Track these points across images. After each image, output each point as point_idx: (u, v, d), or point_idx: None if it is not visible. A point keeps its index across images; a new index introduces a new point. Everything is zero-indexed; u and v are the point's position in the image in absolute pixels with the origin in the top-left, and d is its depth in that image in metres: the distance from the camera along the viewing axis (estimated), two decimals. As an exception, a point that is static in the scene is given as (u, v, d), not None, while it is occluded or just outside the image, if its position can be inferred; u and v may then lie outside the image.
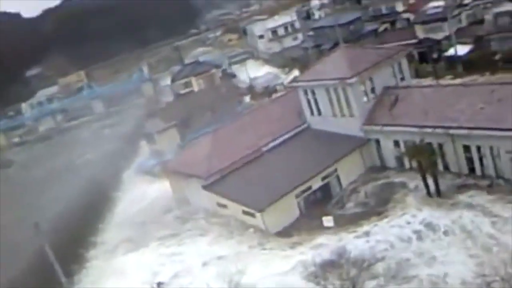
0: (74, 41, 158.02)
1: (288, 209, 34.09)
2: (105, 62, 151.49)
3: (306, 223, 33.21)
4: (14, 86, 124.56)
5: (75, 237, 40.36)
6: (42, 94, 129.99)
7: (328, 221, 31.40)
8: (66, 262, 33.01)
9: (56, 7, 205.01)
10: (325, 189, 36.06)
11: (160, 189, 47.46)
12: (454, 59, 52.93)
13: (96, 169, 57.07)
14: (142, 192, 49.89)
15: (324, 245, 28.91)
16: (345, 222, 31.79)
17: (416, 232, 27.92)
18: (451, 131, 32.13)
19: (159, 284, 31.07)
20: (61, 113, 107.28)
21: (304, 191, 34.93)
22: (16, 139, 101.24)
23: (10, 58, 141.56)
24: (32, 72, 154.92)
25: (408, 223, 29.01)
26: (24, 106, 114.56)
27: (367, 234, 29.24)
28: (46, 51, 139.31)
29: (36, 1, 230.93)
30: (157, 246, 36.72)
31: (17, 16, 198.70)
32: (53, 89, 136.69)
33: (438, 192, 31.07)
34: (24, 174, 69.05)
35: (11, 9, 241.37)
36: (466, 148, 32.17)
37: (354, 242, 28.32)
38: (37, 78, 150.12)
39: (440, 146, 33.06)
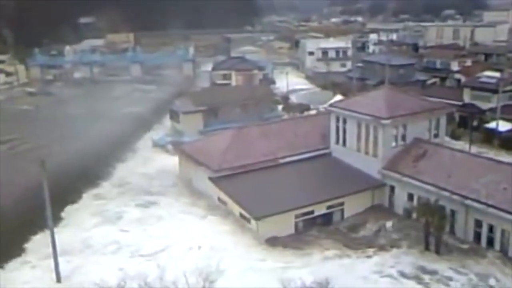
0: (134, 3, 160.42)
1: (284, 225, 33.70)
2: (155, 32, 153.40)
3: (295, 242, 32.74)
4: (65, 29, 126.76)
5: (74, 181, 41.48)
6: (88, 43, 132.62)
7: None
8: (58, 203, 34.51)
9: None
10: (327, 216, 35.56)
11: (166, 164, 48.12)
12: (493, 132, 52.05)
13: (115, 126, 57.79)
14: (151, 161, 50.86)
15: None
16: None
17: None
18: (467, 202, 31.43)
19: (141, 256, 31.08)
20: (100, 67, 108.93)
21: (305, 214, 34.55)
22: (50, 77, 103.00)
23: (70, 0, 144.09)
24: (85, 20, 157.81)
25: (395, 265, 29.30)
26: (67, 49, 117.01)
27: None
28: (106, 5, 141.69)
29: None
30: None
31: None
32: (99, 42, 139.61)
33: (437, 250, 30.41)
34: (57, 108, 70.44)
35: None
36: (478, 223, 31.40)
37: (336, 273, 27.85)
38: (88, 27, 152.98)
39: (453, 212, 32.36)
